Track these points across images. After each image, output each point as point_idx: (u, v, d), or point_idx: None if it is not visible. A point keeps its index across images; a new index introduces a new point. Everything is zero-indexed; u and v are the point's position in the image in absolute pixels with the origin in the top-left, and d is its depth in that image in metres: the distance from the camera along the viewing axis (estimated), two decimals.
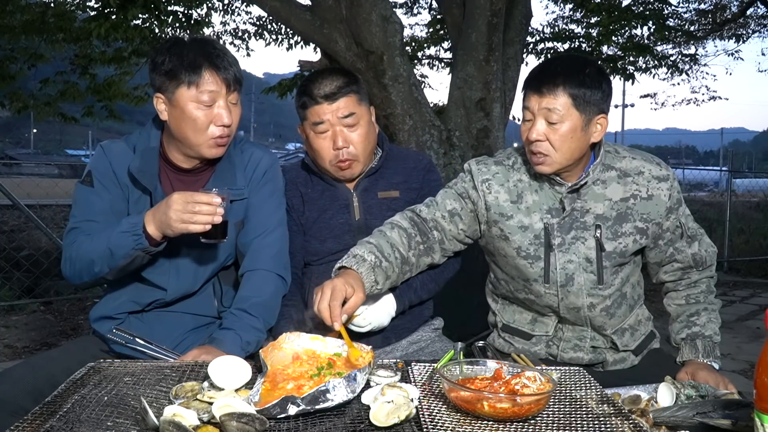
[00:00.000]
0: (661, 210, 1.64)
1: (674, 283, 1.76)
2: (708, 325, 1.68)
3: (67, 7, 6.80)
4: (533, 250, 1.63)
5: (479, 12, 4.07)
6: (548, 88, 1.53)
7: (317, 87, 1.73)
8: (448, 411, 1.13)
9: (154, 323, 1.64)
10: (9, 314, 5.08)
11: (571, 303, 1.64)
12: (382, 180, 1.84)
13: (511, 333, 1.76)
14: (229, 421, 1.01)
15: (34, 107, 7.87)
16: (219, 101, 1.56)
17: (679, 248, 1.70)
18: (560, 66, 1.57)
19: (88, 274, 1.56)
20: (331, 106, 1.72)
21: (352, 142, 1.74)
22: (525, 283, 1.68)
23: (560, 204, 1.63)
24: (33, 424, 1.05)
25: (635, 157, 1.67)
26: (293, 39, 8.16)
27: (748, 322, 5.06)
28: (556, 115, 1.52)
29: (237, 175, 1.67)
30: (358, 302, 1.47)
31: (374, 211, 1.80)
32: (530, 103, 1.56)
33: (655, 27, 8.31)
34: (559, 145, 1.54)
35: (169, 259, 1.61)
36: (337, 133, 1.73)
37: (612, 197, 1.63)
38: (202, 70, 1.53)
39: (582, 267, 1.63)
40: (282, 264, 1.68)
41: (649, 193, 1.64)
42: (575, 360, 1.68)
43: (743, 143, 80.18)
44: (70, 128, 28.08)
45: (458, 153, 4.02)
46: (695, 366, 1.59)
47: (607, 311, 1.66)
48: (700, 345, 1.65)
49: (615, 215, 1.63)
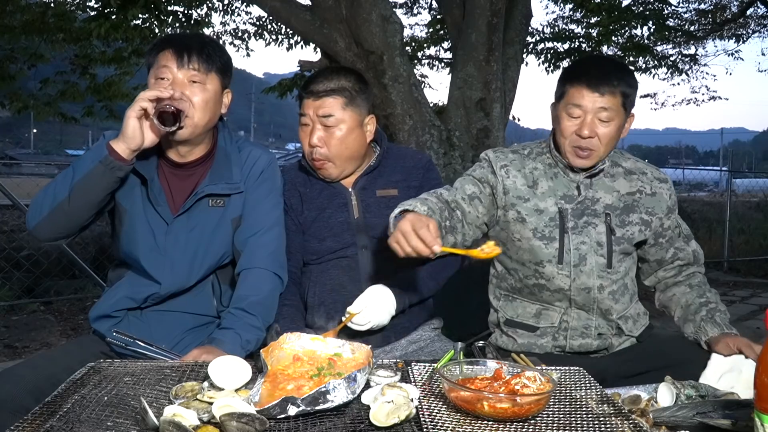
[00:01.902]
0: (663, 207, 1.77)
1: (673, 277, 1.84)
2: (720, 303, 1.76)
3: (67, 7, 6.81)
4: (548, 232, 1.70)
5: (479, 12, 4.08)
6: (607, 88, 1.61)
7: (313, 82, 1.77)
8: (448, 411, 1.13)
9: (153, 323, 1.64)
10: (9, 314, 5.08)
11: (582, 283, 1.70)
12: (381, 178, 1.84)
13: (515, 327, 1.77)
14: (229, 421, 1.01)
15: (34, 107, 7.87)
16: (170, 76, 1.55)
17: (680, 247, 1.82)
18: (610, 66, 1.67)
19: (48, 203, 1.52)
20: (314, 103, 1.74)
21: (326, 144, 1.74)
22: (537, 267, 1.72)
23: (576, 190, 1.72)
24: (33, 424, 1.05)
25: (638, 161, 1.83)
26: (293, 39, 8.16)
27: (748, 322, 5.06)
28: (609, 114, 1.62)
29: (233, 169, 1.67)
30: (437, 227, 1.43)
31: (373, 209, 1.80)
32: (583, 101, 1.62)
33: (655, 27, 8.32)
34: (606, 141, 1.65)
35: (165, 251, 1.61)
36: (315, 130, 1.75)
37: (620, 190, 1.75)
38: (163, 48, 1.57)
39: (593, 249, 1.71)
40: (279, 263, 1.68)
41: (653, 190, 1.78)
42: (584, 347, 1.73)
43: (743, 143, 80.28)
44: (70, 128, 28.12)
45: (458, 153, 4.02)
46: (728, 338, 1.61)
47: (613, 296, 1.72)
48: (719, 319, 1.70)
49: (622, 206, 1.74)
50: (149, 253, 1.61)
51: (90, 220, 1.58)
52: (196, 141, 1.63)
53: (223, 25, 14.88)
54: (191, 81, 1.56)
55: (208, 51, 1.59)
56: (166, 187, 1.65)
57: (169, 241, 1.61)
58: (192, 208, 1.63)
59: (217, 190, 1.63)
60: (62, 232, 1.57)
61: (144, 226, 1.62)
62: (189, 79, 1.56)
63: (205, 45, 1.60)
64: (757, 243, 9.27)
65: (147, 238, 1.62)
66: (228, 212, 1.66)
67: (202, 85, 1.57)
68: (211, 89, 1.59)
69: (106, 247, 5.71)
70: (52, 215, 1.52)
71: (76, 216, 1.53)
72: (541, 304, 1.75)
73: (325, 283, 1.79)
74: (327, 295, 1.78)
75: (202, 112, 1.57)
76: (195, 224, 1.63)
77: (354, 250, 1.78)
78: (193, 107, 1.55)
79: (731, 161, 10.78)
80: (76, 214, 1.53)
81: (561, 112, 1.68)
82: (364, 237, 1.78)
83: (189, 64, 1.55)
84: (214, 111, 1.62)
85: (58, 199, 1.51)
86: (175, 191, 1.65)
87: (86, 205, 1.53)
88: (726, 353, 1.57)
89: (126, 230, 1.64)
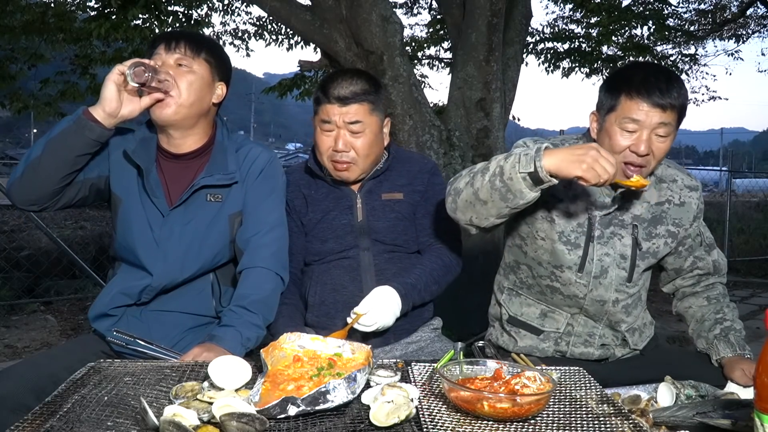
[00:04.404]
0: (690, 217, 1.71)
1: (691, 287, 1.80)
2: (736, 320, 1.73)
3: (67, 7, 6.80)
4: (574, 238, 1.65)
5: (479, 12, 4.07)
6: (669, 103, 1.52)
7: (335, 86, 1.73)
8: (448, 411, 1.13)
9: (153, 322, 1.64)
10: (9, 314, 5.08)
11: (599, 296, 1.66)
12: (387, 182, 1.84)
13: (518, 326, 1.75)
14: (229, 421, 1.01)
15: (34, 107, 7.86)
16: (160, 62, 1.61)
17: (700, 256, 1.77)
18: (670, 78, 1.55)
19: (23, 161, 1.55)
20: (341, 109, 1.72)
21: (354, 148, 1.74)
22: (555, 270, 1.68)
23: (607, 197, 1.65)
24: (33, 423, 1.04)
25: (669, 165, 1.74)
26: (293, 39, 8.16)
27: (748, 322, 5.07)
28: (667, 129, 1.54)
29: (228, 158, 1.68)
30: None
31: (377, 213, 1.80)
32: (641, 116, 1.52)
33: (655, 27, 8.32)
34: (659, 156, 1.58)
35: (159, 243, 1.62)
36: (341, 135, 1.73)
37: (650, 200, 1.68)
38: (158, 41, 1.64)
39: (616, 262, 1.66)
40: (281, 263, 1.68)
41: (682, 200, 1.71)
42: (585, 355, 1.70)
43: (743, 143, 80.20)
44: None
45: (458, 153, 4.02)
46: (743, 364, 1.58)
47: (626, 309, 1.69)
48: (733, 339, 1.67)
49: (650, 217, 1.68)
50: (144, 244, 1.62)
51: (61, 185, 1.57)
52: (186, 125, 1.64)
53: (223, 25, 14.91)
54: (178, 64, 1.61)
55: (198, 39, 1.66)
56: (163, 180, 1.66)
57: (164, 232, 1.62)
58: (189, 201, 1.63)
59: (212, 182, 1.64)
60: (33, 193, 1.57)
61: (140, 216, 1.63)
62: (176, 61, 1.62)
63: (196, 35, 1.67)
64: (757, 243, 9.28)
65: (143, 229, 1.63)
66: (226, 207, 1.66)
67: (189, 68, 1.62)
68: (198, 72, 1.63)
69: (106, 247, 5.70)
70: (25, 174, 1.55)
71: (45, 175, 1.54)
72: (548, 306, 1.72)
73: (326, 282, 1.79)
74: (328, 294, 1.79)
75: (187, 93, 1.61)
76: (191, 217, 1.64)
77: (356, 251, 1.78)
78: (178, 87, 1.59)
79: (731, 161, 10.76)
80: (45, 172, 1.54)
81: (613, 126, 1.56)
82: (367, 239, 1.79)
83: (176, 48, 1.62)
84: (201, 95, 1.63)
85: (31, 157, 1.54)
86: (173, 183, 1.66)
87: (55, 164, 1.54)
88: (743, 384, 1.53)
89: (121, 220, 1.65)
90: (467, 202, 1.51)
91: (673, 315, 1.91)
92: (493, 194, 1.44)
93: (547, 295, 1.72)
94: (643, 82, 1.53)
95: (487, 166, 1.48)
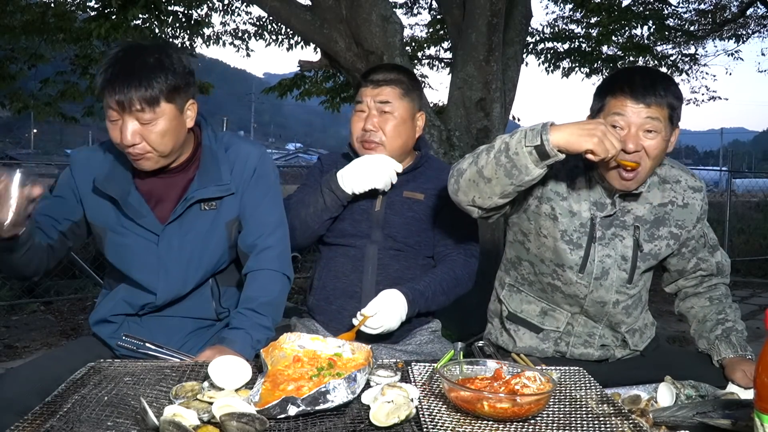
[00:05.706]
0: (693, 219, 1.70)
1: (694, 287, 1.80)
2: (738, 321, 1.72)
3: (67, 7, 6.81)
4: (576, 237, 1.64)
5: (479, 12, 4.07)
6: (653, 98, 1.50)
7: (373, 72, 1.88)
8: (448, 411, 1.13)
9: (154, 328, 1.62)
10: (9, 314, 5.08)
11: (599, 297, 1.66)
12: (413, 182, 1.88)
13: (518, 323, 1.75)
14: (229, 421, 1.01)
15: (34, 107, 7.86)
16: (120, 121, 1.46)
17: (703, 258, 1.76)
18: (655, 76, 1.55)
19: None
20: (373, 91, 1.84)
21: (382, 128, 1.82)
22: (557, 269, 1.67)
23: (608, 198, 1.64)
24: (33, 423, 1.05)
25: (673, 166, 1.72)
26: (293, 39, 8.16)
27: (748, 322, 5.02)
28: (655, 125, 1.51)
29: (221, 169, 1.61)
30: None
31: (395, 207, 1.84)
32: (627, 111, 1.51)
33: (655, 27, 8.32)
34: (654, 155, 1.54)
35: (158, 262, 1.58)
36: (371, 116, 1.83)
37: (652, 201, 1.67)
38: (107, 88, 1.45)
39: (617, 264, 1.65)
40: (286, 263, 1.68)
41: (685, 201, 1.69)
42: (585, 356, 1.70)
43: (743, 143, 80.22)
44: (70, 128, 28.04)
45: (458, 153, 4.01)
46: (744, 365, 1.57)
47: (626, 310, 1.69)
48: (735, 340, 1.66)
49: (653, 219, 1.67)
50: (142, 267, 1.58)
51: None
52: (171, 158, 1.55)
53: (223, 25, 14.85)
54: (141, 123, 1.46)
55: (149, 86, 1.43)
56: (149, 197, 1.59)
57: (162, 250, 1.57)
58: (183, 215, 1.58)
59: (207, 194, 1.58)
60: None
61: (131, 241, 1.58)
62: (138, 120, 1.45)
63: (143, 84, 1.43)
64: (757, 243, 9.28)
65: (138, 252, 1.58)
66: (221, 215, 1.62)
67: (153, 121, 1.46)
68: (167, 117, 1.48)
69: None
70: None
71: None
72: (549, 304, 1.72)
73: (330, 268, 1.86)
74: (329, 280, 1.85)
75: (162, 145, 1.49)
76: (188, 230, 1.59)
77: (364, 242, 1.82)
78: (151, 144, 1.47)
79: (731, 161, 10.77)
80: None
81: None
82: (379, 232, 1.82)
83: (132, 108, 1.44)
84: (177, 135, 1.51)
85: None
86: (159, 199, 1.60)
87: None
88: (744, 385, 1.53)
89: (111, 247, 1.60)
90: (470, 181, 1.51)
91: (674, 315, 1.92)
92: (498, 171, 1.44)
93: (548, 292, 1.71)
94: (628, 81, 1.54)
95: (492, 144, 1.48)
